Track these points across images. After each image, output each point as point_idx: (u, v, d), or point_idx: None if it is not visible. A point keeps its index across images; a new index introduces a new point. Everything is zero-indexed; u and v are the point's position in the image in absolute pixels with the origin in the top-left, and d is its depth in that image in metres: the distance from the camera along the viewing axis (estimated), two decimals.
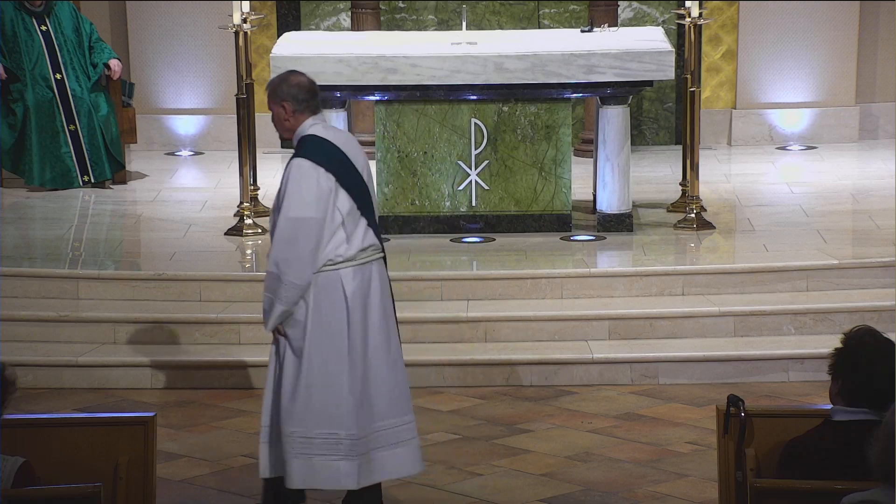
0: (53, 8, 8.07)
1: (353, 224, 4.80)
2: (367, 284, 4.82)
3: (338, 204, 4.77)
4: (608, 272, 6.69)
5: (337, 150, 4.82)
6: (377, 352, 4.83)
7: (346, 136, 5.00)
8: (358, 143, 5.00)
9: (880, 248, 6.89)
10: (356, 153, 4.87)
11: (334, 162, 4.79)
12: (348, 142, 4.91)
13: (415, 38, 7.75)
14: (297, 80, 4.87)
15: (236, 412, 6.00)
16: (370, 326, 4.82)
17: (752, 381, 6.21)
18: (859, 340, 3.68)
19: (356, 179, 4.82)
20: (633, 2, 8.89)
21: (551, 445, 5.61)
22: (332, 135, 4.87)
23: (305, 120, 4.82)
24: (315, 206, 4.72)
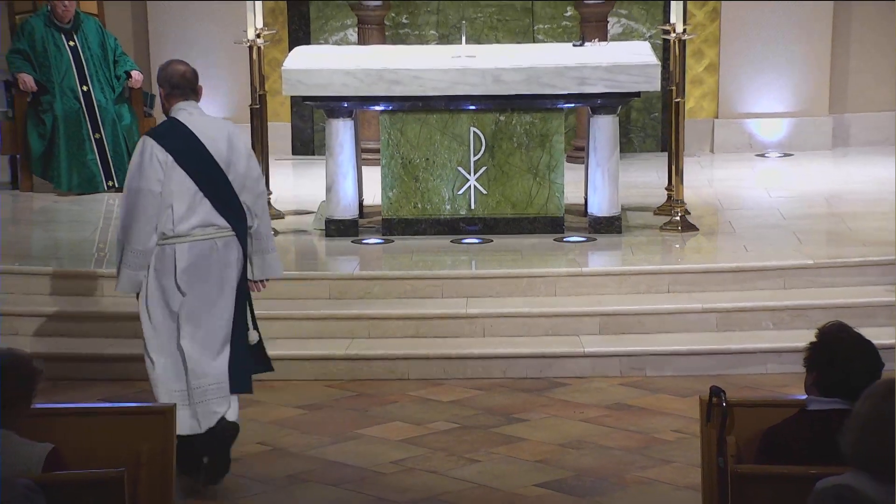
0: (81, 24, 8.07)
1: (190, 203, 4.98)
2: (204, 260, 5.01)
3: (172, 181, 4.95)
4: (599, 271, 6.68)
5: (189, 135, 4.99)
6: (211, 321, 5.03)
7: (214, 126, 5.11)
8: (231, 136, 5.08)
9: (852, 248, 6.89)
10: (218, 142, 5.01)
11: (178, 143, 4.96)
12: (213, 131, 5.04)
13: (417, 51, 7.75)
14: (173, 69, 5.11)
15: (250, 402, 5.98)
16: (202, 298, 5.01)
17: (734, 374, 6.21)
18: (833, 335, 3.68)
19: (204, 164, 4.98)
20: (621, 18, 8.88)
21: (545, 434, 5.61)
22: (193, 121, 5.03)
23: (176, 104, 5.04)
24: (145, 177, 4.93)
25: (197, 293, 5.04)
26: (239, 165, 5.05)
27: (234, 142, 5.07)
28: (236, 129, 5.19)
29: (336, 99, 7.07)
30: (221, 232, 5.03)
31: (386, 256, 6.95)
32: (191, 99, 5.07)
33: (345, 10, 8.84)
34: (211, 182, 5.00)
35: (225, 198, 5.01)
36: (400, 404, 5.96)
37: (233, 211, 5.03)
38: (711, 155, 8.92)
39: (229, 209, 5.03)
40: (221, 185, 5.01)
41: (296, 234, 7.30)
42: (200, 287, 5.04)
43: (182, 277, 5.01)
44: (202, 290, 5.04)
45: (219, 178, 5.01)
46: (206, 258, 5.02)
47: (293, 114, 8.99)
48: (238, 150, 5.07)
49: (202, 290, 5.04)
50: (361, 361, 6.26)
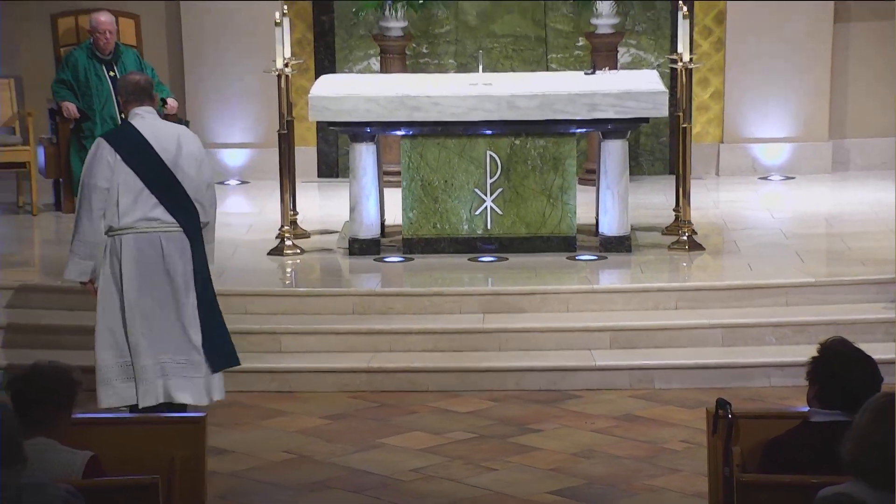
0: (120, 56, 8.12)
1: (135, 198, 5.24)
2: (152, 251, 5.26)
3: (119, 178, 5.22)
4: (609, 288, 6.68)
5: (139, 136, 5.26)
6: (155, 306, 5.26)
7: (165, 130, 5.37)
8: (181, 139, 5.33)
9: (852, 267, 6.87)
10: (166, 145, 5.27)
11: (127, 144, 5.25)
12: (162, 134, 5.31)
13: (437, 79, 7.76)
14: (129, 79, 5.45)
15: (277, 412, 6.01)
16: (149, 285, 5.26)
17: (738, 386, 6.18)
18: (833, 350, 3.68)
19: (150, 163, 5.23)
20: (631, 48, 8.89)
21: (558, 443, 5.60)
22: (145, 125, 5.30)
23: (132, 109, 5.32)
24: (93, 175, 5.22)
25: (149, 290, 5.29)
26: (187, 167, 5.30)
27: (183, 145, 5.32)
28: (189, 135, 5.45)
29: (359, 124, 7.09)
30: (165, 227, 5.28)
31: (406, 274, 6.96)
32: (146, 105, 5.34)
33: (368, 40, 8.88)
34: (157, 180, 5.24)
35: (172, 195, 5.26)
36: (420, 415, 5.96)
37: (181, 208, 5.28)
38: (717, 178, 8.91)
39: (177, 206, 5.27)
40: (169, 184, 5.26)
41: (321, 253, 7.32)
42: (150, 281, 5.28)
43: (127, 266, 5.26)
44: (153, 286, 5.29)
45: (166, 176, 5.26)
46: (148, 250, 5.27)
47: (319, 138, 9.02)
48: (186, 153, 5.32)
49: (153, 285, 5.29)
50: (383, 374, 6.26)
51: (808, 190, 8.53)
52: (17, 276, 6.89)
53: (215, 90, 8.90)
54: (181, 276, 5.31)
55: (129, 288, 5.28)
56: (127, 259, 5.27)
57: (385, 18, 8.60)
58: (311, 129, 8.90)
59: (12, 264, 7.18)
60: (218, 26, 8.79)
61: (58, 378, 3.58)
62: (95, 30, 8.02)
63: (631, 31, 8.84)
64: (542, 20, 8.91)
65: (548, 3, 8.85)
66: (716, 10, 8.89)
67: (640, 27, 8.88)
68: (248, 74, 8.74)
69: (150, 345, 5.30)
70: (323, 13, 8.89)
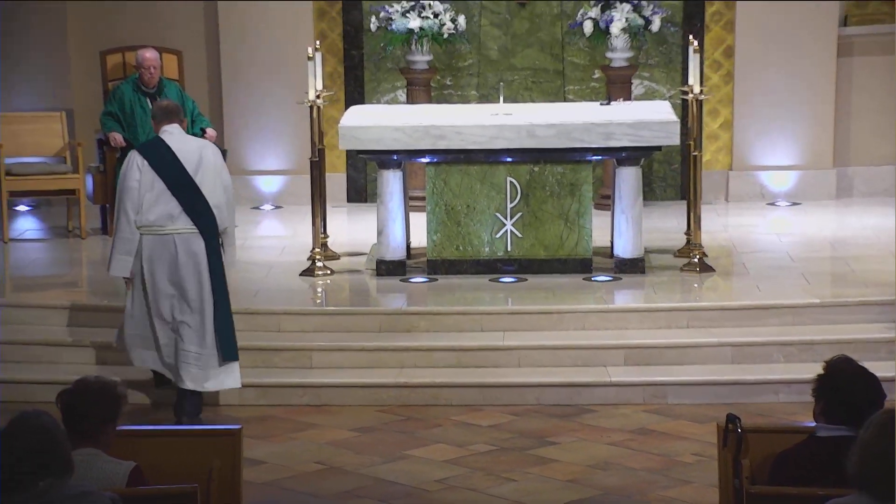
0: (164, 89, 8.18)
1: (157, 198, 5.75)
2: (168, 250, 5.76)
3: (146, 181, 5.76)
4: (624, 308, 6.67)
5: (167, 150, 5.82)
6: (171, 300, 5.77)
7: (189, 144, 5.91)
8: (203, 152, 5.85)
9: (855, 288, 6.84)
10: (191, 156, 5.81)
11: (156, 155, 5.80)
12: (187, 148, 5.85)
13: (460, 110, 7.79)
14: (159, 104, 6.10)
15: (308, 425, 6.01)
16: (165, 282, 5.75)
17: (747, 402, 6.16)
18: (838, 367, 3.66)
19: (174, 171, 5.76)
20: (644, 80, 8.90)
21: (575, 456, 5.58)
22: (173, 139, 5.86)
23: (163, 127, 5.89)
24: (127, 179, 5.77)
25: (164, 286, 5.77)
26: (206, 177, 5.81)
27: (204, 156, 5.85)
28: (211, 147, 5.97)
29: (387, 152, 7.12)
30: (181, 229, 5.77)
31: (431, 294, 6.97)
32: (174, 122, 5.90)
33: (395, 73, 8.92)
34: (179, 185, 5.75)
35: (192, 200, 5.76)
36: (443, 428, 5.95)
37: (199, 212, 5.77)
38: (726, 203, 8.89)
39: (195, 210, 5.77)
40: (190, 190, 5.76)
41: (350, 274, 7.34)
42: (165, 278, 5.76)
43: (146, 265, 5.77)
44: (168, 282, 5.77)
45: (187, 183, 5.76)
46: (162, 250, 5.76)
47: (348, 165, 9.05)
48: (206, 163, 5.83)
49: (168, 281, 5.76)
50: (409, 389, 6.26)
51: (814, 215, 8.50)
52: (67, 296, 6.94)
53: (251, 120, 8.95)
54: (194, 274, 5.76)
55: (149, 284, 5.79)
56: (145, 258, 5.78)
57: (411, 53, 8.64)
58: (341, 156, 8.93)
59: (62, 285, 7.23)
60: (254, 61, 8.85)
61: (103, 392, 3.60)
62: (141, 65, 8.10)
63: (644, 65, 8.85)
64: (560, 54, 8.93)
65: (565, 38, 8.87)
66: (725, 45, 8.89)
67: (653, 61, 8.89)
68: (282, 106, 8.80)
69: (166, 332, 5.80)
70: (353, 48, 8.94)
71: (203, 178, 5.79)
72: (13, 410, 3.26)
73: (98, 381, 3.63)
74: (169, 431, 4.16)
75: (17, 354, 6.51)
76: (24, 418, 3.14)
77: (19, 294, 7.07)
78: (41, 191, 8.27)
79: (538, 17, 8.89)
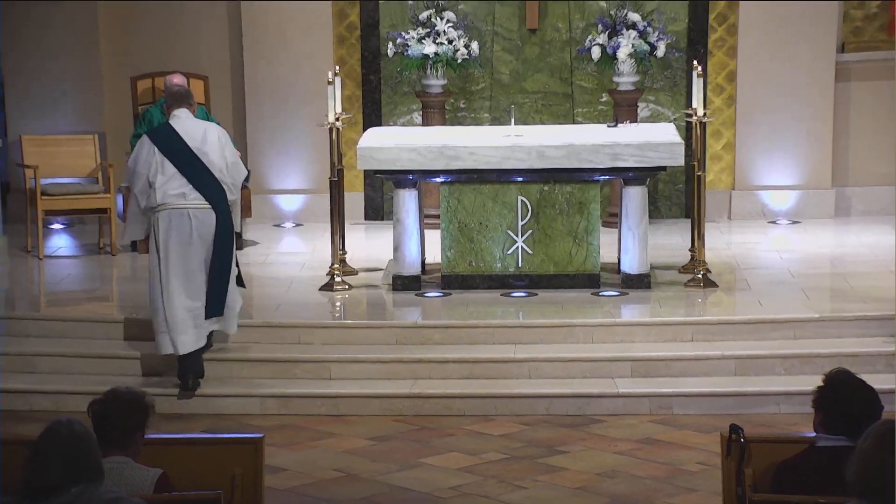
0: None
1: (169, 178, 5.98)
2: (183, 224, 5.98)
3: (156, 162, 6.01)
4: (630, 322, 6.66)
5: (173, 132, 6.07)
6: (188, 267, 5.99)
7: (196, 127, 6.11)
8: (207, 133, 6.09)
9: (853, 304, 6.81)
10: (197, 139, 6.04)
11: (164, 139, 6.04)
12: (192, 129, 6.09)
13: (473, 131, 7.80)
14: (170, 89, 6.41)
15: (327, 434, 6.01)
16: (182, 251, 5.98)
17: (750, 413, 6.13)
18: (837, 380, 3.65)
19: (182, 153, 6.01)
20: (650, 103, 8.91)
21: (584, 464, 5.57)
22: (180, 123, 6.11)
23: (172, 111, 6.15)
24: (138, 162, 6.05)
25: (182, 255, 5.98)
26: (211, 153, 6.05)
27: (208, 135, 6.10)
28: (214, 127, 6.20)
29: (403, 172, 7.14)
30: (194, 203, 5.99)
31: (445, 308, 6.97)
32: (183, 107, 6.14)
33: (411, 97, 8.95)
34: (187, 166, 5.99)
35: (200, 178, 5.99)
36: (456, 437, 5.94)
37: (208, 188, 6.00)
38: (729, 221, 8.88)
39: (204, 186, 6.00)
40: (197, 168, 5.99)
41: (367, 288, 7.34)
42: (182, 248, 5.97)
43: (163, 237, 5.99)
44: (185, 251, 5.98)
45: (195, 163, 6.00)
46: (179, 223, 5.98)
47: (366, 185, 9.07)
48: (210, 140, 6.08)
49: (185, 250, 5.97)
50: (423, 399, 6.26)
51: (813, 233, 8.48)
52: (99, 310, 6.96)
53: (274, 142, 8.98)
54: (204, 245, 6.00)
55: (165, 255, 6.00)
56: (162, 231, 5.99)
57: (427, 77, 8.67)
58: (359, 176, 8.96)
59: (94, 299, 7.25)
60: (276, 86, 8.89)
61: (133, 402, 3.61)
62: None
63: (650, 88, 8.85)
64: (569, 78, 8.94)
65: (574, 63, 8.89)
66: (727, 70, 8.90)
67: (659, 84, 8.90)
68: (303, 128, 8.83)
69: (183, 299, 5.99)
70: (371, 73, 8.97)
71: (208, 155, 6.04)
72: (47, 419, 3.28)
73: (128, 391, 3.64)
74: (194, 440, 4.17)
75: (51, 366, 6.54)
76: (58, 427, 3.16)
77: (53, 308, 7.10)
78: (74, 210, 8.31)
79: (548, 43, 8.91)
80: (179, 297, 6.00)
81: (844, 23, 8.82)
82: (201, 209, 6.01)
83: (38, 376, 6.48)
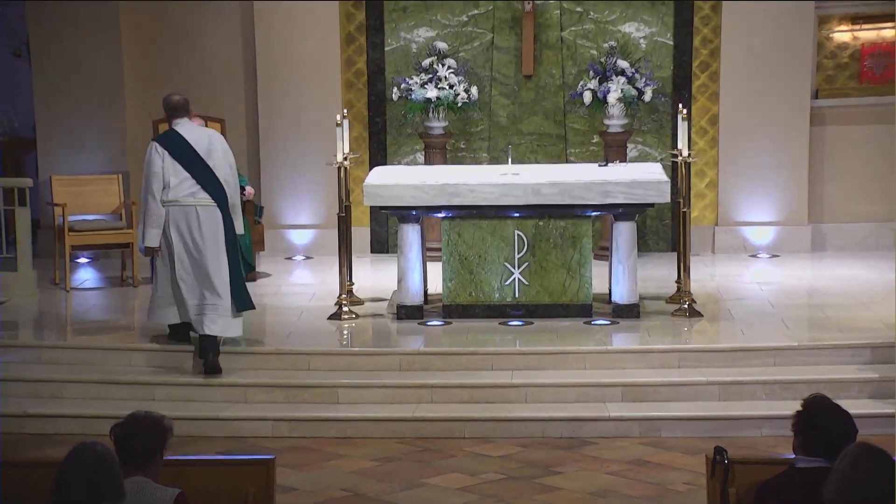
0: None
1: (180, 180, 6.33)
2: (191, 220, 6.34)
3: (168, 166, 6.34)
4: (621, 349, 6.65)
5: (180, 138, 6.40)
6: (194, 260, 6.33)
7: (199, 133, 6.47)
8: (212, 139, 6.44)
9: (830, 333, 6.81)
10: (203, 145, 6.39)
11: (171, 144, 6.38)
12: (198, 135, 6.44)
13: (472, 170, 7.81)
14: (166, 100, 6.57)
15: (336, 455, 5.99)
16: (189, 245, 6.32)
17: (733, 436, 6.11)
18: (815, 405, 3.64)
19: (190, 156, 6.35)
20: (638, 144, 8.95)
21: (577, 484, 5.54)
22: (185, 130, 6.45)
23: (174, 121, 6.48)
24: (151, 165, 6.36)
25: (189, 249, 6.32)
26: (215, 159, 6.40)
27: (213, 143, 6.44)
28: (217, 134, 6.54)
29: (406, 208, 7.15)
30: (201, 201, 6.35)
31: (446, 336, 6.96)
32: (184, 117, 6.48)
33: (414, 137, 8.99)
34: (194, 167, 6.33)
35: (205, 178, 6.35)
36: (457, 458, 5.92)
37: (212, 187, 6.35)
38: (713, 255, 8.89)
39: (209, 186, 6.35)
40: (203, 170, 6.34)
41: (373, 317, 7.34)
42: (189, 242, 6.31)
43: (172, 231, 6.32)
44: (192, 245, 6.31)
45: (201, 165, 6.35)
46: (187, 219, 6.32)
47: (372, 220, 9.09)
48: (215, 148, 6.43)
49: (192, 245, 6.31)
50: (426, 422, 6.24)
51: (791, 266, 8.49)
52: (121, 339, 6.96)
53: (286, 180, 9.02)
54: (212, 238, 6.33)
55: (174, 249, 6.32)
56: (171, 226, 6.32)
57: (429, 119, 8.71)
58: (365, 212, 8.98)
59: (117, 328, 7.25)
60: (289, 127, 8.94)
61: (152, 425, 3.60)
62: None
63: (638, 130, 8.89)
64: (563, 121, 8.99)
65: (567, 107, 8.94)
66: (710, 114, 8.94)
67: (646, 127, 8.94)
68: (313, 167, 8.86)
69: (191, 289, 6.32)
70: (377, 115, 9.02)
71: (214, 159, 6.37)
72: (72, 442, 3.28)
73: (148, 415, 3.64)
74: (210, 460, 4.16)
75: (76, 391, 6.53)
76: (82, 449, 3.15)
77: (79, 337, 7.10)
78: (99, 244, 8.33)
79: (543, 88, 8.96)
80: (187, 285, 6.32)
81: (818, 71, 8.89)
82: (207, 207, 6.34)
83: (65, 401, 6.47)
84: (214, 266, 6.34)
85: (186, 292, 6.35)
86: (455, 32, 8.90)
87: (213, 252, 6.35)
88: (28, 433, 6.27)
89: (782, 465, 3.70)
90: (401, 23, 8.93)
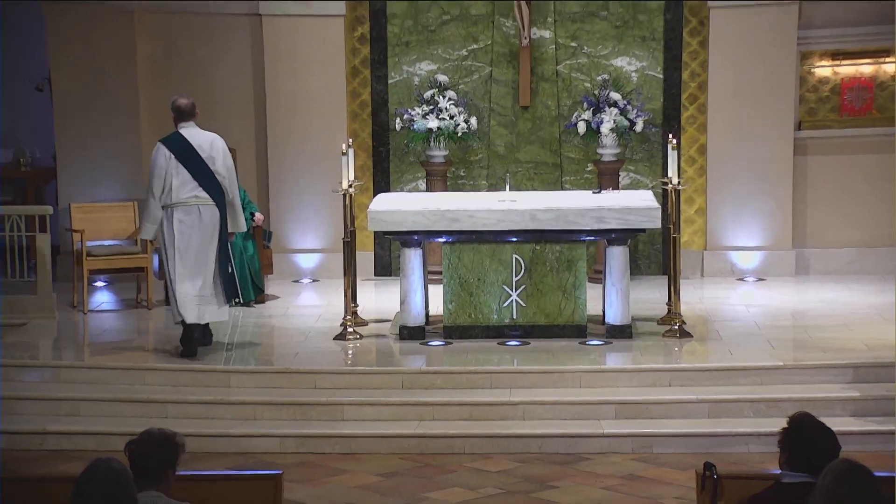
0: None
1: (183, 181, 6.54)
2: (193, 218, 6.57)
3: (172, 168, 6.54)
4: (614, 368, 6.64)
5: (185, 141, 6.58)
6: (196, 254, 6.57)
7: (202, 136, 6.64)
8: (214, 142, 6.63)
9: (814, 353, 6.80)
10: (206, 148, 6.59)
11: (176, 146, 6.56)
12: (201, 139, 6.62)
13: (472, 197, 7.82)
14: (175, 103, 6.72)
15: (341, 471, 5.97)
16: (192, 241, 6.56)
17: (722, 452, 6.09)
18: (801, 422, 3.64)
19: (193, 159, 6.55)
20: (630, 172, 8.97)
21: (573, 498, 5.52)
22: (189, 133, 6.63)
23: (180, 123, 6.64)
24: (155, 166, 6.56)
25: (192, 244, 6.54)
26: (217, 161, 6.60)
27: (215, 145, 6.63)
28: (218, 138, 6.69)
29: (409, 233, 7.16)
30: (202, 201, 6.57)
31: (446, 355, 6.95)
32: (190, 121, 6.63)
33: (416, 166, 9.02)
34: (197, 169, 6.53)
35: (207, 179, 6.56)
36: (457, 473, 5.91)
37: (213, 188, 6.56)
38: (702, 278, 8.89)
39: (210, 186, 6.56)
40: (205, 172, 6.54)
41: (376, 338, 7.33)
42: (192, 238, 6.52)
43: (177, 229, 6.54)
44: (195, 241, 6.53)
45: (203, 167, 6.55)
46: (191, 217, 6.55)
47: (376, 244, 9.10)
48: (216, 149, 6.62)
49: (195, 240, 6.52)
50: (427, 438, 6.23)
51: (777, 289, 8.49)
52: (136, 359, 6.95)
53: (294, 206, 9.03)
54: (208, 234, 6.55)
55: (178, 244, 6.53)
56: (176, 224, 6.53)
57: (430, 148, 8.74)
58: (369, 237, 8.99)
59: (132, 349, 7.25)
60: (296, 156, 8.96)
61: (165, 442, 3.60)
62: None
63: (630, 159, 8.92)
64: (558, 150, 9.02)
65: (562, 136, 8.97)
66: (698, 144, 8.98)
67: (638, 156, 8.97)
68: (319, 194, 8.88)
69: (193, 281, 6.54)
70: (380, 145, 9.05)
71: (215, 161, 6.57)
72: (89, 458, 3.28)
73: (161, 432, 3.64)
74: (220, 476, 4.15)
75: (93, 409, 6.52)
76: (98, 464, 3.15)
77: (96, 357, 7.09)
78: (115, 269, 8.34)
79: (539, 118, 9.00)
80: (186, 278, 6.54)
81: (801, 104, 8.93)
82: (207, 205, 6.58)
83: (82, 419, 6.46)
84: (203, 260, 6.57)
85: (179, 283, 6.56)
86: (455, 66, 8.95)
87: (206, 247, 6.57)
88: (46, 449, 6.26)
89: (769, 480, 3.69)
90: (403, 57, 8.98)
